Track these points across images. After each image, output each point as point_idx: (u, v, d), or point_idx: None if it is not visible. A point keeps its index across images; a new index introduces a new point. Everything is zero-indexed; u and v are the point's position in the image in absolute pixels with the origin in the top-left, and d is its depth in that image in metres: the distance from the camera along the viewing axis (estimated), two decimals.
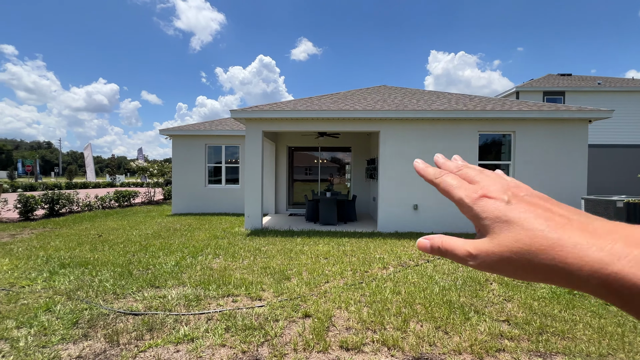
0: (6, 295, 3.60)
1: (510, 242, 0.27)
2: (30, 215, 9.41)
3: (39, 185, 24.97)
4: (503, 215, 0.28)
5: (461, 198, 0.31)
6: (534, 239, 0.26)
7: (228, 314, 3.17)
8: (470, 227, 7.70)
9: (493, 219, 0.29)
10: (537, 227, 0.26)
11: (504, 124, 7.74)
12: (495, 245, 0.28)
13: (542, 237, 0.26)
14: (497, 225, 0.28)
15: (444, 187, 0.34)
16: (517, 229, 0.27)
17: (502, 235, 0.28)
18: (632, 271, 0.22)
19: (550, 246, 0.25)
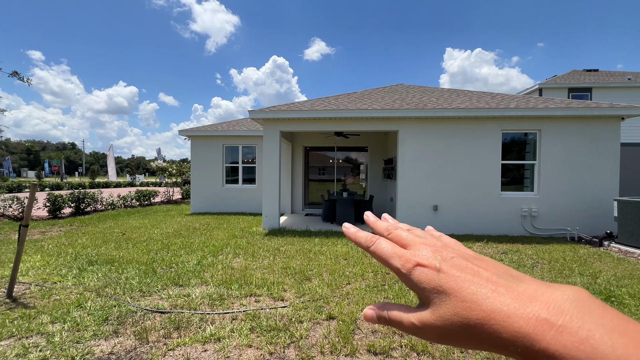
0: (40, 290, 3.74)
1: (449, 315, 0.27)
2: (58, 213, 9.80)
3: (65, 185, 26.06)
4: (438, 285, 0.29)
5: (397, 268, 0.31)
6: (471, 312, 0.26)
7: (252, 314, 3.17)
8: (490, 229, 7.46)
9: (430, 290, 0.29)
10: (471, 298, 0.27)
11: (529, 122, 7.46)
12: (437, 318, 0.28)
13: (478, 309, 0.26)
14: (436, 296, 0.29)
15: (380, 255, 0.33)
16: (454, 301, 0.27)
17: (442, 308, 0.28)
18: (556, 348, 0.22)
19: (485, 319, 0.25)
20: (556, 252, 5.94)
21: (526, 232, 7.45)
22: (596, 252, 5.91)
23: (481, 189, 7.54)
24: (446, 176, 7.61)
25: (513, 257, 5.50)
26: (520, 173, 7.83)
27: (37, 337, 2.68)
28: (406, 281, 0.31)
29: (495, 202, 7.52)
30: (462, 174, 7.57)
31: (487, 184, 7.53)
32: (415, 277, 0.30)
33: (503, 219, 7.49)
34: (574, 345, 0.21)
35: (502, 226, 7.48)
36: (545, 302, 0.24)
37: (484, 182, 7.54)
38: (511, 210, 7.49)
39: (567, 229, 7.22)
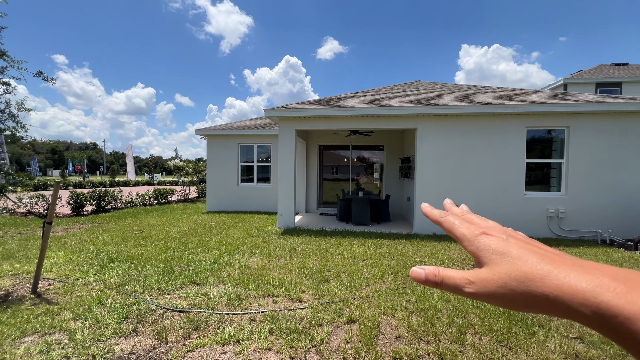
0: (63, 286, 3.80)
1: (509, 270, 0.29)
2: (81, 211, 10.10)
3: (87, 183, 27.00)
4: (502, 248, 0.31)
5: (463, 234, 0.35)
6: (531, 268, 0.28)
7: (270, 315, 3.10)
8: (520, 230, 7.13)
9: (492, 251, 0.32)
10: (533, 259, 0.29)
11: (557, 119, 7.08)
12: (495, 273, 0.30)
13: (539, 267, 0.28)
14: (497, 256, 0.31)
15: (448, 225, 0.37)
16: (515, 260, 0.30)
17: (502, 266, 0.30)
18: (617, 301, 0.23)
19: (545, 275, 0.27)
20: (587, 255, 5.60)
21: (553, 234, 7.10)
22: (632, 257, 5.54)
23: (504, 189, 7.22)
24: (467, 175, 7.34)
25: None
26: (545, 172, 7.46)
27: (60, 334, 2.70)
28: (469, 245, 0.34)
29: (519, 202, 7.19)
30: (484, 173, 7.28)
31: (510, 184, 7.21)
32: (479, 241, 0.33)
33: (528, 220, 7.16)
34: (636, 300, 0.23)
35: (526, 228, 7.14)
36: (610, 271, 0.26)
37: (508, 181, 7.22)
38: (536, 211, 7.15)
39: (598, 232, 6.82)
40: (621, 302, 0.23)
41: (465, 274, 0.32)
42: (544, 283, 0.27)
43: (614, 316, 0.23)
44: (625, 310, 0.23)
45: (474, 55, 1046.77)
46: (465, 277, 0.32)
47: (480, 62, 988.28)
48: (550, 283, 0.27)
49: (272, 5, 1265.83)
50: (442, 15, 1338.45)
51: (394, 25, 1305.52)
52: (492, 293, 0.30)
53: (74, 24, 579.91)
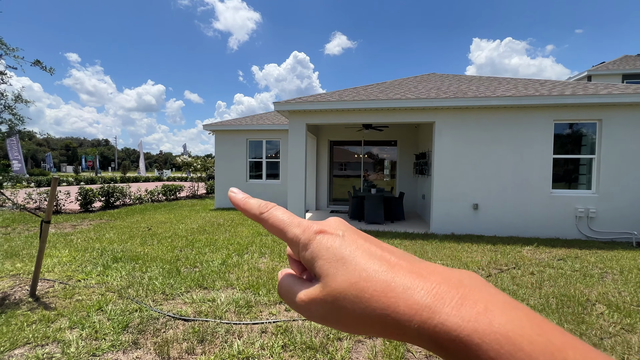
0: (63, 289, 3.59)
1: (345, 286, 0.24)
2: (89, 207, 10.02)
3: (98, 179, 27.30)
4: (339, 253, 0.26)
5: (296, 235, 0.28)
6: (369, 282, 0.24)
7: (283, 326, 2.80)
8: (539, 231, 6.69)
9: (328, 258, 0.26)
10: (371, 269, 0.24)
11: (588, 111, 6.56)
12: (329, 291, 0.25)
13: (377, 280, 0.23)
14: (332, 265, 0.25)
15: (274, 222, 0.29)
16: (352, 269, 0.24)
17: (337, 278, 0.25)
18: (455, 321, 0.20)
19: (383, 290, 0.23)
20: (625, 259, 5.14)
21: (582, 235, 6.62)
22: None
23: (529, 186, 6.76)
24: (488, 171, 6.90)
25: (574, 265, 4.79)
26: (573, 169, 6.95)
27: (53, 346, 2.46)
28: (303, 250, 0.27)
29: (545, 200, 6.72)
30: (507, 169, 6.83)
31: (536, 181, 6.75)
32: (316, 243, 0.27)
33: (554, 219, 6.69)
34: (472, 317, 0.20)
35: (553, 228, 6.68)
36: (445, 276, 0.23)
37: (533, 178, 6.76)
38: (564, 211, 6.67)
39: (634, 233, 6.32)
40: (456, 320, 0.20)
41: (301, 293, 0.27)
42: (381, 302, 0.23)
43: (450, 340, 0.20)
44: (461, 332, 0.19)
45: (486, 49, 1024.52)
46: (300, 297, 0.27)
47: (491, 56, 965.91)
48: (387, 301, 0.22)
49: (280, 0, 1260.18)
50: (453, 8, 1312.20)
51: (403, 18, 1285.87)
52: (325, 317, 0.25)
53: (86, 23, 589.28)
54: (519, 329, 0.19)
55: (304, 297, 0.27)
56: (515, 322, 0.20)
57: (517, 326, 0.19)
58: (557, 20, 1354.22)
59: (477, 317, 0.20)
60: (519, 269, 4.55)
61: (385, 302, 0.23)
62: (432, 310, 0.21)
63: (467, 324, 0.20)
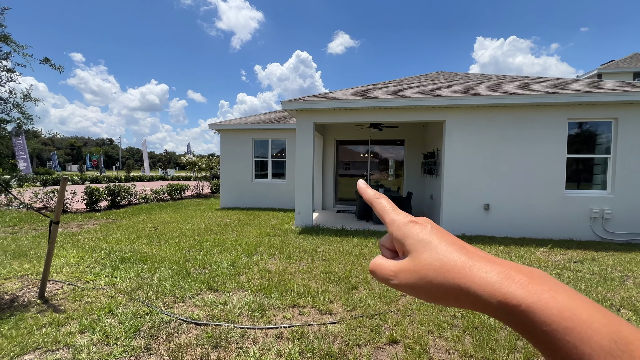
0: (72, 291, 3.52)
1: (429, 260, 0.29)
2: (95, 206, 10.00)
3: (103, 178, 27.40)
4: (426, 237, 0.31)
5: (393, 219, 0.34)
6: (449, 259, 0.29)
7: (299, 332, 2.71)
8: (552, 233, 6.55)
9: (418, 240, 0.31)
10: (451, 250, 0.29)
11: (603, 110, 6.41)
12: (416, 264, 0.30)
13: (456, 258, 0.29)
14: (420, 245, 0.31)
15: (380, 207, 0.37)
16: (435, 250, 0.30)
17: (423, 255, 0.30)
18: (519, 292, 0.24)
19: (461, 266, 0.28)
20: None
21: (596, 236, 6.47)
22: None
23: (542, 186, 6.62)
24: (500, 171, 6.76)
25: (592, 268, 4.66)
26: (587, 168, 6.80)
27: (64, 352, 2.39)
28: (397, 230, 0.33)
29: (558, 201, 6.58)
30: (519, 168, 6.69)
31: (549, 181, 6.60)
32: (408, 228, 0.32)
33: (568, 220, 6.54)
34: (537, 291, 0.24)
35: (566, 229, 6.54)
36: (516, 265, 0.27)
37: (546, 178, 6.61)
38: (578, 211, 6.52)
39: None
40: (523, 292, 0.24)
41: (391, 265, 0.32)
42: (459, 274, 0.27)
43: (516, 305, 0.24)
44: (525, 300, 0.24)
45: (489, 48, 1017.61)
46: (390, 268, 0.32)
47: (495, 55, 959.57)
48: (464, 274, 0.27)
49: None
50: (456, 7, 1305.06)
51: (406, 17, 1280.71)
52: (413, 285, 0.30)
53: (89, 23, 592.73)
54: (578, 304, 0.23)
55: (393, 267, 0.32)
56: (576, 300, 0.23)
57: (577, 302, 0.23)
58: (562, 19, 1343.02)
59: (542, 293, 0.24)
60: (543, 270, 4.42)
61: (463, 274, 0.27)
62: (502, 284, 0.25)
63: (533, 295, 0.24)
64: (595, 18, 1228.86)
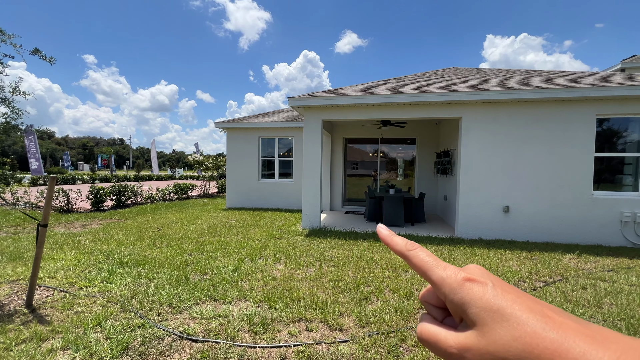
0: (62, 299, 3.28)
1: (507, 339, 0.22)
2: (101, 206, 9.89)
3: (113, 177, 27.64)
4: (494, 304, 0.24)
5: (443, 278, 0.27)
6: (536, 339, 0.21)
7: (306, 353, 2.39)
8: (579, 237, 6.08)
9: (482, 307, 0.24)
10: (536, 325, 0.22)
11: (636, 104, 5.90)
12: (489, 342, 0.23)
13: (545, 337, 0.21)
14: (489, 316, 0.24)
15: (418, 262, 0.29)
16: (513, 325, 0.22)
17: (496, 331, 0.23)
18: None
19: (555, 350, 0.20)
20: None
21: (627, 242, 5.97)
22: None
23: (567, 188, 6.15)
24: (521, 171, 6.32)
25: (630, 278, 4.21)
26: (616, 168, 6.29)
27: None
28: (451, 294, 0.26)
29: (585, 203, 6.10)
30: (542, 168, 6.23)
31: (575, 182, 6.13)
32: (465, 290, 0.25)
33: (596, 225, 6.06)
34: None
35: (594, 234, 6.06)
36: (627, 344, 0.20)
37: (571, 178, 6.14)
38: (607, 215, 6.03)
39: None
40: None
41: (449, 339, 0.25)
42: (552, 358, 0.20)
43: None
44: None
45: (500, 46, 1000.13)
46: (450, 344, 0.25)
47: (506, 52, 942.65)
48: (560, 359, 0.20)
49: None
50: (465, 4, 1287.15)
51: (414, 15, 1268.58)
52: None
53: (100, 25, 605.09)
54: None
55: (454, 343, 0.25)
56: None
57: None
58: (576, 14, 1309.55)
59: None
60: (567, 282, 4.01)
61: None
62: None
63: None
64: (611, 13, 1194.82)
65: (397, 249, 0.31)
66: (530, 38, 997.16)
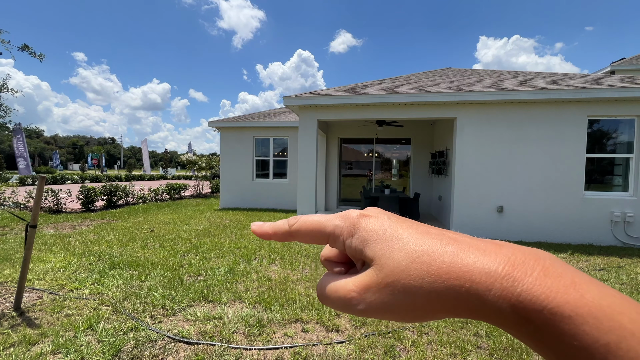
0: (52, 302, 3.20)
1: (406, 263, 0.21)
2: (91, 206, 9.71)
3: (103, 177, 27.19)
4: (391, 233, 0.23)
5: (337, 225, 0.25)
6: (433, 257, 0.21)
7: (302, 354, 2.36)
8: (571, 237, 6.17)
9: (379, 239, 0.23)
10: (432, 243, 0.22)
11: (626, 106, 6.02)
12: (388, 273, 0.22)
13: (442, 253, 0.21)
14: (386, 246, 0.23)
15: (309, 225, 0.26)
16: (410, 246, 0.22)
17: (394, 259, 0.22)
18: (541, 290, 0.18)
19: (452, 263, 0.20)
20: None
21: (618, 241, 6.08)
22: None
23: (559, 188, 6.24)
24: (515, 171, 6.39)
25: (620, 277, 4.29)
26: (607, 169, 6.41)
27: None
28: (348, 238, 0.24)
29: (577, 203, 6.20)
30: (535, 169, 6.31)
31: (567, 182, 6.22)
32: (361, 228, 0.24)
33: (587, 224, 6.16)
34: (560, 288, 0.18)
35: (586, 233, 6.16)
36: (517, 247, 0.21)
37: (564, 179, 6.23)
38: (598, 215, 6.14)
39: None
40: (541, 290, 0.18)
41: (349, 284, 0.23)
42: (451, 272, 0.20)
43: (537, 310, 0.18)
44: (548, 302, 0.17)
45: (492, 48, 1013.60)
46: (349, 288, 0.23)
47: (498, 54, 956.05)
48: (458, 271, 0.20)
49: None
50: (459, 6, 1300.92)
51: (409, 16, 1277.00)
52: (389, 304, 0.21)
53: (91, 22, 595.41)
54: (616, 305, 0.17)
55: (354, 286, 0.23)
56: (609, 299, 0.18)
57: (613, 302, 0.17)
58: (567, 17, 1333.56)
59: (565, 289, 0.18)
60: None
61: (457, 272, 0.20)
62: (513, 278, 0.19)
63: (556, 295, 0.18)
64: (601, 17, 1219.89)
65: (283, 233, 0.27)
66: (522, 40, 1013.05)
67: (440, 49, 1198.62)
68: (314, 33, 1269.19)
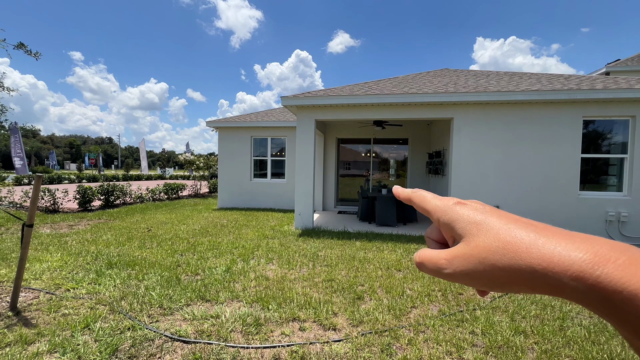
0: (49, 301, 3.19)
1: (488, 241, 0.25)
2: (88, 206, 9.67)
3: (101, 177, 27.05)
4: (479, 217, 0.27)
5: (436, 205, 0.30)
6: (514, 237, 0.24)
7: (300, 353, 2.38)
8: None
9: (468, 221, 0.27)
10: (514, 227, 0.25)
11: (620, 107, 6.08)
12: (473, 247, 0.26)
13: (523, 234, 0.24)
14: (473, 226, 0.26)
15: (419, 199, 0.33)
16: (495, 229, 0.25)
17: (479, 237, 0.26)
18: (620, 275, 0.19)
19: (531, 244, 0.23)
20: None
21: None
22: None
23: (555, 188, 6.29)
24: (511, 171, 6.44)
25: None
26: (602, 169, 6.47)
27: None
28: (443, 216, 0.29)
29: (572, 203, 6.25)
30: (531, 169, 6.36)
31: (562, 182, 6.27)
32: (454, 211, 0.28)
33: (582, 224, 6.22)
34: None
35: (581, 232, 6.20)
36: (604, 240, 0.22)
37: (559, 179, 6.28)
38: (593, 214, 6.20)
39: None
40: (625, 275, 0.19)
41: (442, 254, 0.28)
42: (530, 253, 0.22)
43: (615, 292, 0.19)
44: (630, 286, 0.19)
45: (489, 49, 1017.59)
46: (441, 256, 0.28)
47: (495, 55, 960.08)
48: (537, 252, 0.22)
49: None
50: (457, 7, 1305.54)
51: (407, 17, 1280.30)
52: (470, 271, 0.25)
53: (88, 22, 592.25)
54: None
55: (445, 255, 0.27)
56: None
57: None
58: (563, 19, 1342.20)
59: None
60: None
61: (536, 253, 0.22)
62: (594, 263, 0.20)
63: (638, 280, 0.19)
64: (597, 18, 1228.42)
65: (405, 197, 0.34)
66: (518, 41, 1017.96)
67: (438, 50, 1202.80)
68: (312, 33, 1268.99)
